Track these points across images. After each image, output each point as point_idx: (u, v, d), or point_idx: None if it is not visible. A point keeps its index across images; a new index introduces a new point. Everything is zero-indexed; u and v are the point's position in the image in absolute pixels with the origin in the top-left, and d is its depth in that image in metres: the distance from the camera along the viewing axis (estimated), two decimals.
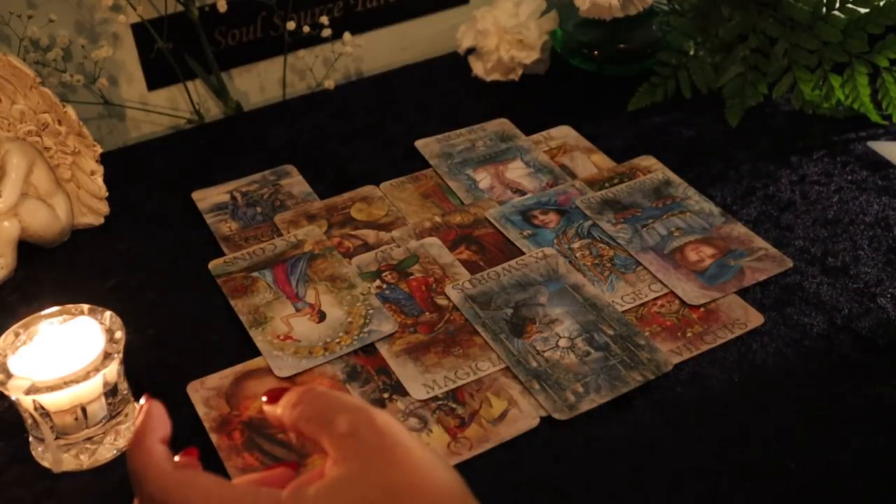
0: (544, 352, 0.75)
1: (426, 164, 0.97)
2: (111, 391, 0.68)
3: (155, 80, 1.02)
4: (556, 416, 0.70)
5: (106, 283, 0.84)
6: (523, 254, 0.85)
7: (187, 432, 0.71)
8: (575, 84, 1.09)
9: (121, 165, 0.95)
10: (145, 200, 0.94)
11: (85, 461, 0.69)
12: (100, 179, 0.89)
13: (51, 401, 0.65)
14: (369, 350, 0.76)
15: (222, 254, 0.86)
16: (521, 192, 0.93)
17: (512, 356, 0.75)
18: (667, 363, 0.74)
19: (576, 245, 0.86)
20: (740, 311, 0.79)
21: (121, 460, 0.69)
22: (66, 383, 0.65)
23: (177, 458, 0.50)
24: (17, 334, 0.69)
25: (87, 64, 0.97)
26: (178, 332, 0.79)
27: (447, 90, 1.09)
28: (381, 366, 0.75)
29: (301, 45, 1.07)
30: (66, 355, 0.67)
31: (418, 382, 0.73)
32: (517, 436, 0.70)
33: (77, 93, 0.97)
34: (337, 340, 0.77)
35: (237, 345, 0.77)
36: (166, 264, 0.86)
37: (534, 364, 0.74)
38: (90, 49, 0.95)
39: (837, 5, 0.95)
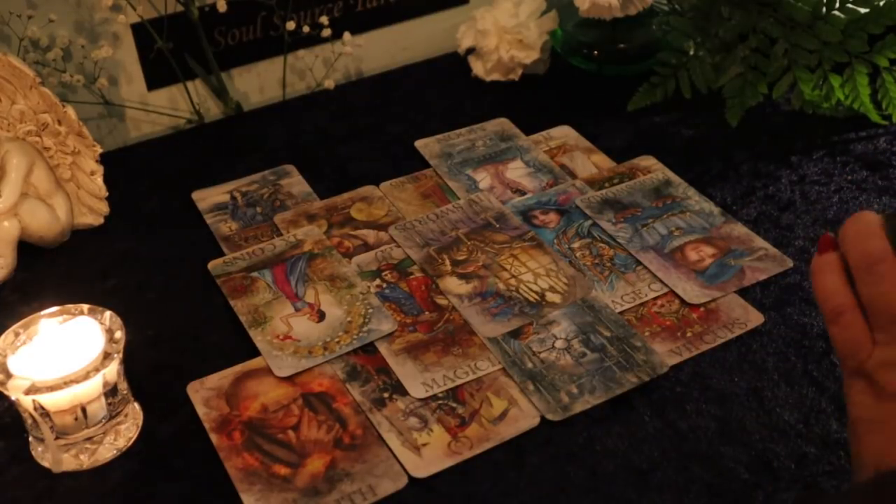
0: (540, 353, 0.75)
1: (426, 164, 0.97)
2: (111, 391, 0.68)
3: (155, 80, 1.02)
4: (549, 416, 0.70)
5: (106, 283, 0.84)
6: None
7: (187, 432, 0.71)
8: (575, 84, 1.09)
9: (121, 165, 0.95)
10: (145, 200, 0.94)
11: (85, 461, 0.69)
12: (100, 179, 0.89)
13: (51, 401, 0.65)
14: (369, 349, 0.76)
15: (222, 254, 0.86)
16: (522, 192, 0.93)
17: (508, 357, 0.75)
18: (662, 365, 0.74)
19: (576, 245, 0.86)
20: (740, 310, 0.79)
21: (121, 460, 0.69)
22: (66, 383, 0.65)
23: None
24: (17, 334, 0.69)
25: (86, 64, 0.97)
26: (178, 332, 0.79)
27: (447, 90, 1.09)
28: (380, 365, 0.75)
29: (301, 45, 1.07)
30: (66, 355, 0.67)
31: (417, 381, 0.73)
32: (518, 435, 0.70)
33: (77, 93, 0.97)
34: (336, 340, 0.77)
35: (237, 345, 0.77)
36: (166, 264, 0.86)
37: (529, 365, 0.74)
38: (90, 49, 0.95)
39: (837, 5, 0.95)
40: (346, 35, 1.05)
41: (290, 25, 1.01)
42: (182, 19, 0.98)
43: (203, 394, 0.73)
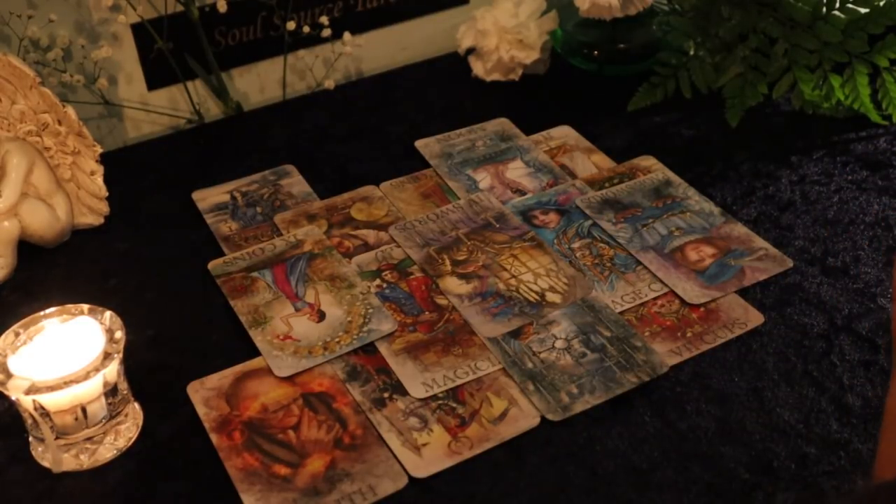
0: (540, 353, 0.75)
1: (426, 164, 0.97)
2: (111, 391, 0.68)
3: (155, 80, 1.02)
4: (550, 416, 0.70)
5: (106, 283, 0.84)
6: None
7: (187, 432, 0.71)
8: (575, 84, 1.09)
9: (121, 165, 0.95)
10: (145, 200, 0.94)
11: (85, 461, 0.69)
12: (100, 179, 0.89)
13: (51, 401, 0.65)
14: (369, 349, 0.76)
15: (222, 254, 0.86)
16: (522, 192, 0.93)
17: (508, 357, 0.75)
18: (662, 365, 0.74)
19: (576, 245, 0.86)
20: (740, 310, 0.79)
21: (121, 460, 0.69)
22: (66, 383, 0.65)
23: None
24: (17, 334, 0.69)
25: (87, 64, 0.97)
26: (178, 332, 0.79)
27: (447, 90, 1.09)
28: (380, 365, 0.75)
29: (301, 45, 1.07)
30: (66, 355, 0.67)
31: (417, 381, 0.73)
32: (518, 435, 0.70)
33: (77, 93, 0.97)
34: (336, 340, 0.77)
35: (237, 345, 0.77)
36: (166, 264, 0.86)
37: (529, 365, 0.74)
38: (90, 49, 0.96)
39: (837, 5, 0.95)
40: (346, 35, 1.06)
41: (291, 25, 1.01)
42: (182, 19, 0.98)
43: (203, 394, 0.73)
